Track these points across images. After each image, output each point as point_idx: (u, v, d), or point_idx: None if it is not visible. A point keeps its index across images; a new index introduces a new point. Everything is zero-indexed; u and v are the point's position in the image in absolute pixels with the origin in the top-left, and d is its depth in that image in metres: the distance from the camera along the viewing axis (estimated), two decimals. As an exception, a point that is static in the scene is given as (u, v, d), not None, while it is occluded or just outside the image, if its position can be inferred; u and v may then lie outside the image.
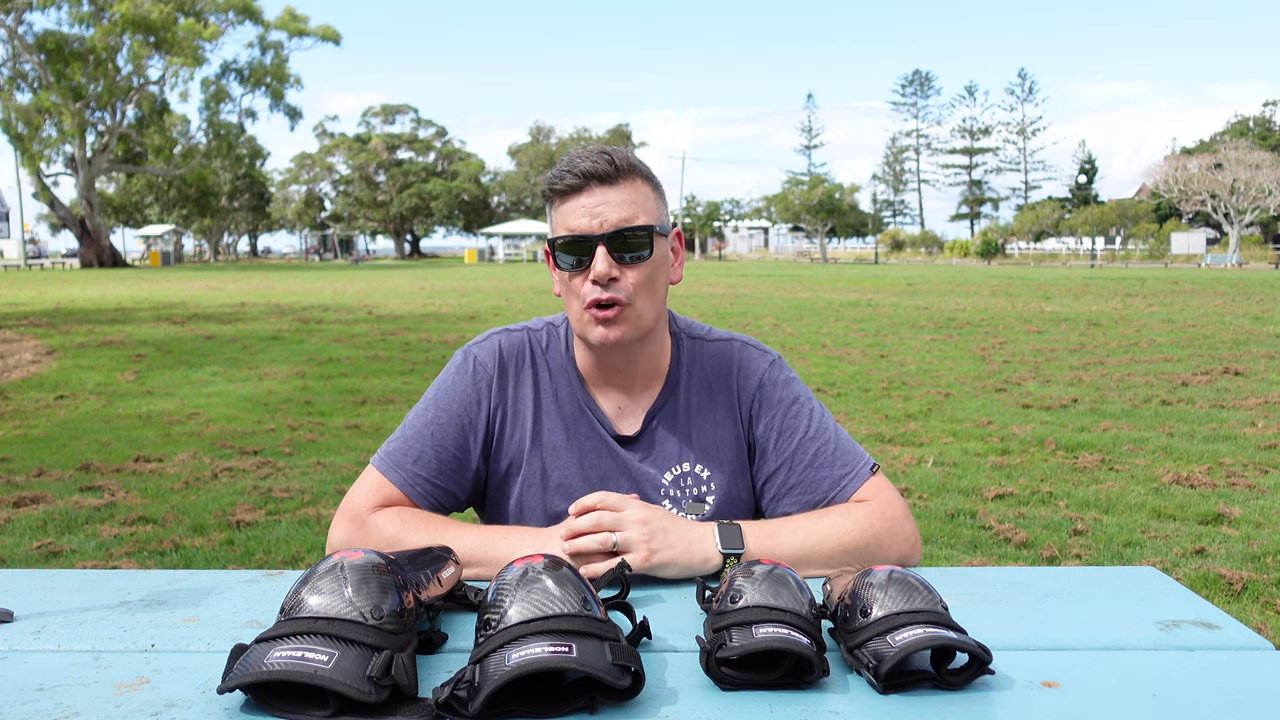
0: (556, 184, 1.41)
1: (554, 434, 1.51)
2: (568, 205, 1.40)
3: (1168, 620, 1.18)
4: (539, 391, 1.53)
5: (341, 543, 1.43)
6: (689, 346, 1.56)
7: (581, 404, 1.52)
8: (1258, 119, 70.90)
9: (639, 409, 1.53)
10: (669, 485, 1.50)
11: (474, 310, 17.50)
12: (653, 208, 1.43)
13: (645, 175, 1.43)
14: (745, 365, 1.55)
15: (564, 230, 1.40)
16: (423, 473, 1.48)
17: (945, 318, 15.68)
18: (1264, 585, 3.65)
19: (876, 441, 6.34)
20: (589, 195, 1.39)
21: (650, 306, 1.43)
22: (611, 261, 1.38)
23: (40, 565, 3.92)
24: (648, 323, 1.44)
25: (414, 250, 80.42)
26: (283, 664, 0.90)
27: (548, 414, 1.52)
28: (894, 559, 1.41)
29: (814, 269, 43.67)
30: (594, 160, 1.39)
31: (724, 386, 1.54)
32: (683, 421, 1.52)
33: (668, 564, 1.31)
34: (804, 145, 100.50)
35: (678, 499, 1.50)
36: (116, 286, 27.00)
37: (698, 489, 1.51)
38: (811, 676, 0.98)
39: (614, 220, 1.38)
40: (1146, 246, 58.99)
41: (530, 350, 1.54)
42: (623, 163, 1.40)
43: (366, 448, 6.13)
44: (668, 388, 1.53)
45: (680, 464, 1.51)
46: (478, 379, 1.52)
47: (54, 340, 12.58)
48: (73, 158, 49.04)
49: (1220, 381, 8.73)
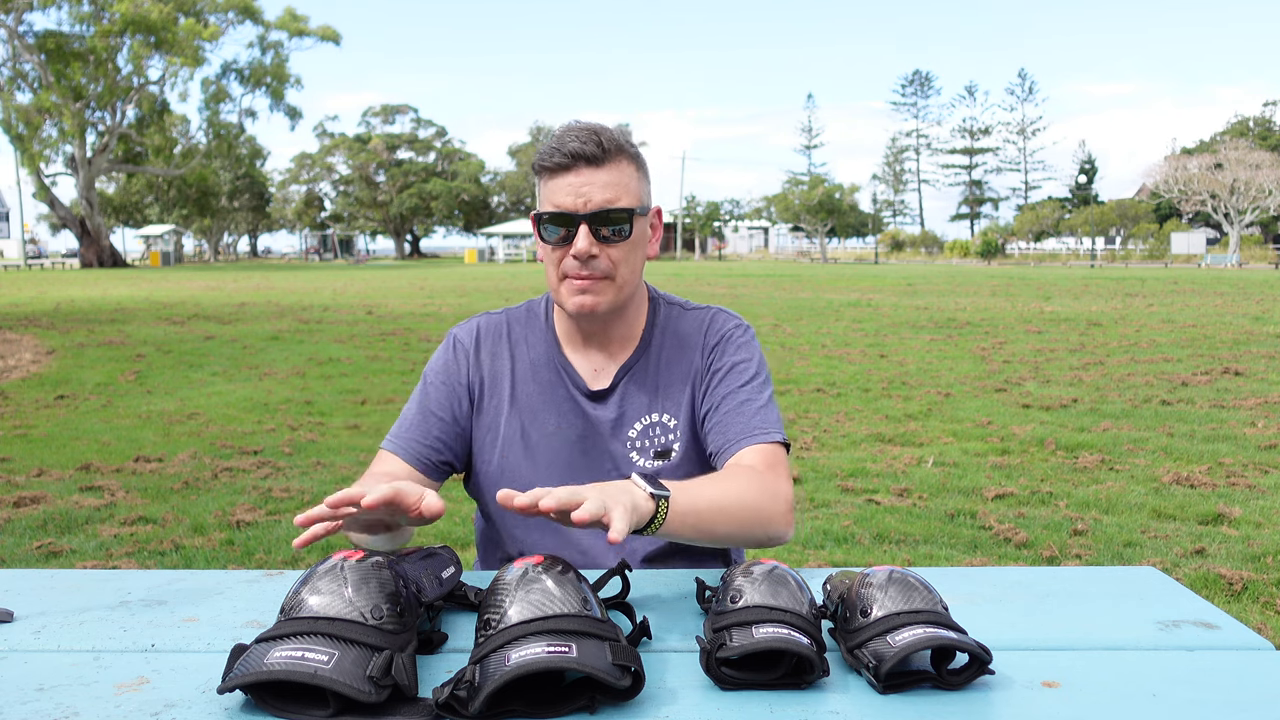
0: (545, 161, 1.48)
1: (530, 397, 1.61)
2: (555, 182, 1.47)
3: (1168, 620, 1.18)
4: (515, 360, 1.63)
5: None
6: (665, 311, 1.65)
7: (558, 366, 1.61)
8: (1258, 119, 70.88)
9: (612, 368, 1.61)
10: (637, 437, 1.58)
11: (474, 310, 17.41)
12: (635, 188, 1.50)
13: (631, 156, 1.50)
14: (715, 323, 1.64)
15: (550, 206, 1.48)
16: (415, 437, 1.59)
17: (945, 318, 15.68)
18: (1264, 585, 3.64)
19: (876, 441, 6.34)
20: (576, 175, 1.45)
21: (628, 279, 1.52)
22: (592, 239, 1.46)
23: (40, 565, 3.92)
24: (625, 293, 1.53)
25: (414, 250, 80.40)
26: (283, 664, 0.90)
27: (523, 380, 1.62)
28: (776, 527, 1.42)
29: (814, 269, 43.67)
30: (583, 141, 1.45)
31: (694, 343, 1.62)
32: (651, 375, 1.60)
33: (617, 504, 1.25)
34: (804, 145, 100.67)
35: (644, 449, 1.58)
36: (116, 286, 27.00)
37: (664, 437, 1.59)
38: (811, 676, 0.99)
39: (598, 201, 1.45)
40: (1146, 246, 58.98)
41: (508, 326, 1.66)
42: (610, 145, 1.46)
43: (366, 447, 6.13)
44: (640, 346, 1.62)
45: (649, 414, 1.59)
46: (458, 352, 1.65)
47: (54, 340, 12.58)
48: (73, 158, 49.02)
49: (1220, 381, 8.73)
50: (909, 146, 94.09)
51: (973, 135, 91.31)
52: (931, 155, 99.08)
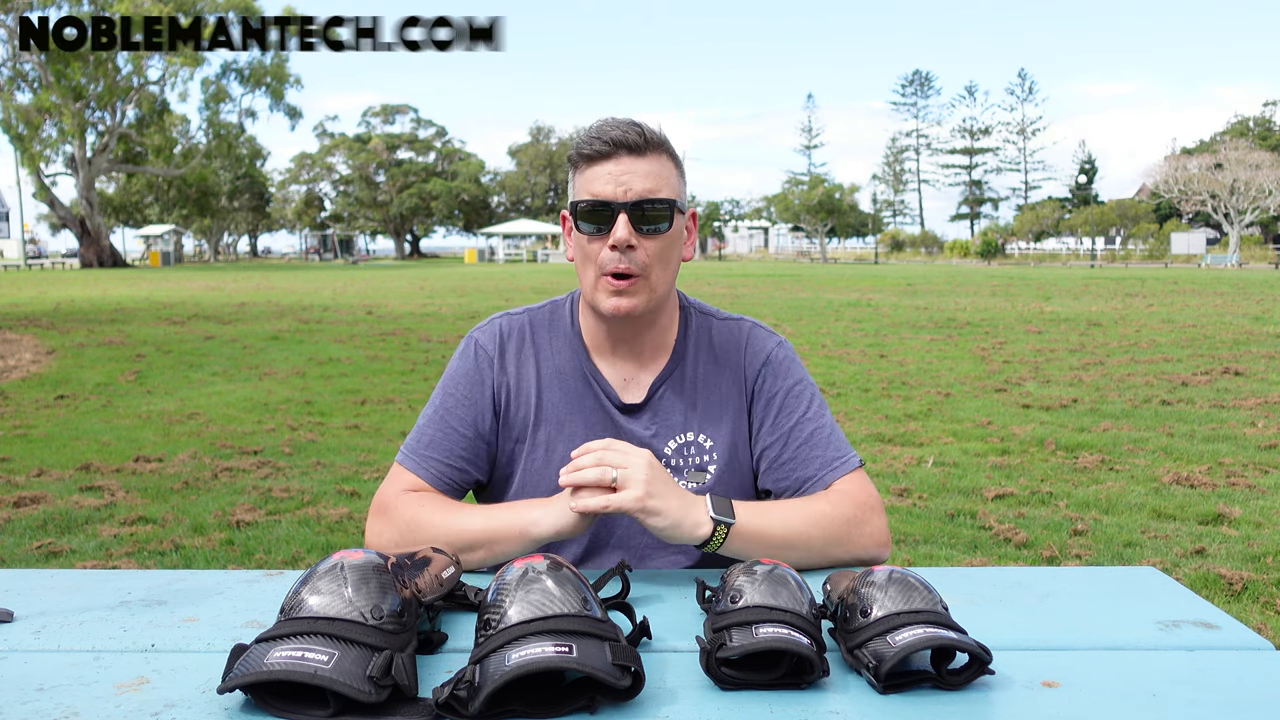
0: (585, 149, 1.42)
1: (557, 407, 1.53)
2: (594, 170, 1.42)
3: (1168, 620, 1.18)
4: (540, 366, 1.55)
5: (374, 535, 1.47)
6: (697, 321, 1.58)
7: (586, 374, 1.54)
8: (1258, 119, 70.86)
9: (645, 379, 1.54)
10: (672, 454, 1.52)
11: (474, 310, 17.50)
12: (675, 184, 1.45)
13: (670, 153, 1.45)
14: (753, 343, 1.57)
15: (587, 195, 1.42)
16: (436, 455, 1.51)
17: (945, 318, 15.68)
18: (1264, 585, 3.65)
19: (876, 441, 6.34)
20: (616, 163, 1.40)
21: (663, 279, 1.46)
22: (632, 230, 1.40)
23: (40, 565, 3.92)
24: (660, 296, 1.47)
25: (414, 250, 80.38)
26: (283, 664, 0.90)
27: (549, 388, 1.54)
28: (867, 551, 1.42)
29: (814, 269, 43.66)
30: (624, 130, 1.40)
31: (731, 360, 1.56)
32: (688, 391, 1.54)
33: (661, 512, 1.29)
34: (804, 145, 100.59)
35: (679, 468, 1.52)
36: (116, 286, 26.99)
37: (700, 458, 1.52)
38: (811, 676, 0.99)
39: (638, 190, 1.40)
40: (1146, 246, 58.97)
41: (532, 329, 1.57)
42: (652, 136, 1.42)
43: (367, 447, 6.13)
44: (674, 358, 1.55)
45: (684, 433, 1.52)
46: (480, 360, 1.55)
47: (54, 340, 12.58)
48: (73, 158, 49.01)
49: (1220, 381, 8.73)
50: (909, 146, 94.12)
51: (973, 135, 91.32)
52: (931, 155, 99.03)
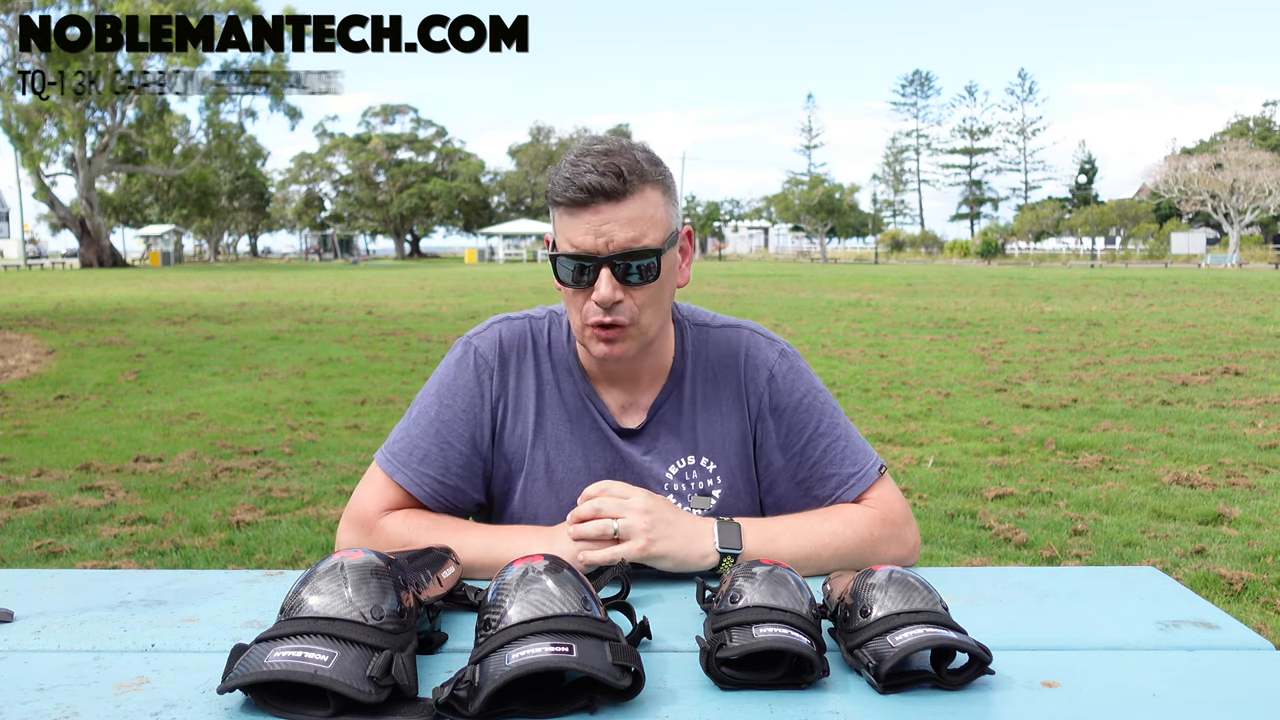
0: (559, 195, 1.32)
1: (558, 426, 1.47)
2: (572, 219, 1.32)
3: (1168, 620, 1.18)
4: (541, 382, 1.48)
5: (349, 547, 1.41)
6: (693, 335, 1.51)
7: (584, 396, 1.48)
8: (1258, 119, 70.88)
9: (644, 401, 1.48)
10: (673, 479, 1.47)
11: (474, 310, 17.50)
12: (663, 218, 1.34)
13: (656, 179, 1.34)
14: (753, 355, 1.50)
15: (567, 245, 1.33)
16: (430, 472, 1.43)
17: (945, 318, 15.68)
18: (1264, 585, 3.64)
19: (876, 441, 6.34)
20: (595, 213, 1.30)
21: (655, 322, 1.39)
22: (616, 284, 1.32)
23: (40, 565, 3.92)
24: (651, 337, 1.40)
25: (414, 250, 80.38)
26: (283, 664, 0.90)
27: (550, 405, 1.47)
28: (891, 561, 1.41)
29: (814, 269, 43.65)
30: (601, 173, 1.29)
31: (730, 376, 1.49)
32: (688, 414, 1.48)
33: (665, 555, 1.28)
34: (804, 145, 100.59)
35: (682, 493, 1.47)
36: (116, 286, 26.99)
37: (703, 482, 1.47)
38: (811, 676, 0.98)
39: (620, 241, 1.30)
40: (1146, 246, 58.98)
41: (532, 339, 1.50)
42: (631, 173, 1.30)
43: (367, 447, 6.13)
44: (672, 380, 1.49)
45: (685, 457, 1.47)
46: (479, 371, 1.48)
47: (54, 340, 12.58)
48: (73, 158, 49.00)
49: (1220, 381, 8.73)
50: (909, 146, 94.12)
51: (973, 135, 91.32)
52: (931, 155, 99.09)
